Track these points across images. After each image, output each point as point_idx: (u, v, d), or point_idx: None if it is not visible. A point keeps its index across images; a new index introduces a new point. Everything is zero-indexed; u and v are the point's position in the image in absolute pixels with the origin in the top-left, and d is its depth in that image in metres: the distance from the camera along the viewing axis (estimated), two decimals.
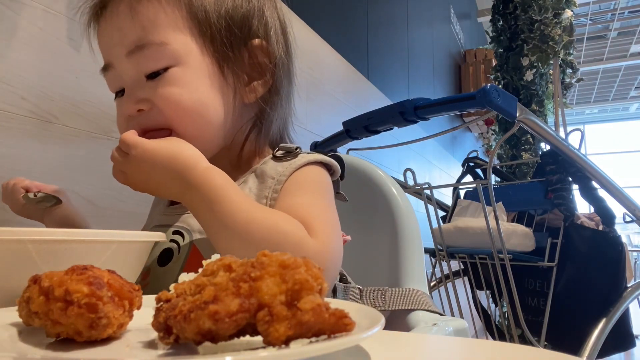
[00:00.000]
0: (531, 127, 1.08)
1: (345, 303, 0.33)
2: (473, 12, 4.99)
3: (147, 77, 0.55)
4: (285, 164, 0.57)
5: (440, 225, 1.44)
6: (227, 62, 0.57)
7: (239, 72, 0.58)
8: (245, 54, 0.58)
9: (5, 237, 0.35)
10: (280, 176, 0.55)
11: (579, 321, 1.30)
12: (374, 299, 0.63)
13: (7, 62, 0.73)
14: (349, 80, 1.93)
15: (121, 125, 0.59)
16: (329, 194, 0.57)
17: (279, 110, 0.62)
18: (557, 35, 2.48)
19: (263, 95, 0.60)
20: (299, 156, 0.57)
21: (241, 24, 0.58)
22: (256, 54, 0.59)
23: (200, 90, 0.56)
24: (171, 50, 0.54)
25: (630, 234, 6.20)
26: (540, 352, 0.34)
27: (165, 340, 0.26)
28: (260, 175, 0.57)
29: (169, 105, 0.55)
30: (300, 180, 0.56)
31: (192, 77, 0.55)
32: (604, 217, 1.38)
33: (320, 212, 0.52)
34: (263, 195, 0.55)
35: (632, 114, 9.07)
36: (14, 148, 0.73)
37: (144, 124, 0.56)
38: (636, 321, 1.51)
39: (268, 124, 0.62)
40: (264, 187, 0.56)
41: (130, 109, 0.56)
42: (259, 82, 0.60)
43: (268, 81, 0.60)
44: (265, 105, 0.60)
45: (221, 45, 0.57)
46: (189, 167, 0.49)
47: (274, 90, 0.61)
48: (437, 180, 3.17)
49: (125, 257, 0.42)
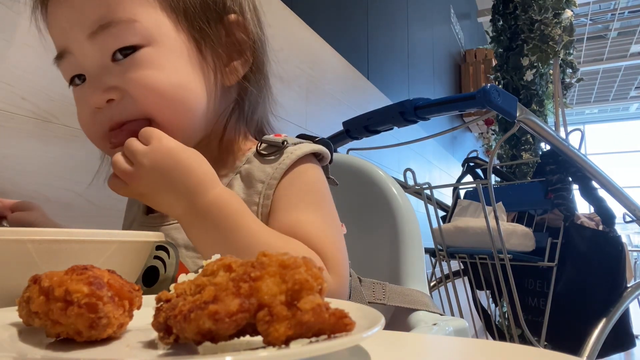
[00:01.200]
0: (531, 127, 1.08)
1: (345, 303, 0.33)
2: (473, 12, 4.99)
3: (114, 61, 0.48)
4: (274, 164, 0.52)
5: (440, 225, 1.44)
6: (205, 38, 0.51)
7: (217, 50, 0.52)
8: (222, 31, 0.53)
9: (5, 237, 0.35)
10: (270, 179, 0.51)
11: (579, 321, 1.30)
12: (374, 291, 0.61)
13: (7, 62, 0.73)
14: (349, 80, 1.93)
15: (85, 119, 0.51)
16: (327, 198, 0.54)
17: (262, 91, 0.57)
18: (557, 35, 2.48)
19: (245, 75, 0.55)
20: (285, 152, 0.52)
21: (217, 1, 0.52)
22: (233, 31, 0.53)
23: (179, 72, 0.49)
24: (141, 27, 0.47)
25: (630, 234, 6.20)
26: (540, 352, 0.34)
27: (165, 340, 0.26)
28: (246, 178, 0.53)
29: (144, 91, 0.48)
30: (297, 186, 0.52)
31: (168, 57, 0.49)
32: (604, 217, 1.38)
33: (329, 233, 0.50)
34: (253, 201, 0.51)
35: (632, 114, 9.07)
36: (14, 148, 0.73)
37: (115, 116, 0.49)
38: (636, 321, 1.51)
39: (251, 108, 0.57)
40: (253, 192, 0.52)
41: (98, 99, 0.48)
42: (238, 61, 0.54)
43: (248, 59, 0.54)
44: (248, 85, 0.55)
45: (197, 20, 0.51)
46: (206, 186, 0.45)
47: (256, 69, 0.56)
48: (437, 180, 3.17)
49: (125, 257, 0.42)
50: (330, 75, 1.75)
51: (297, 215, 0.50)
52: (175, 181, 0.45)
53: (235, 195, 0.47)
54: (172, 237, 0.53)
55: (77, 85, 0.52)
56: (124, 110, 0.49)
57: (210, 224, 0.45)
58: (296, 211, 0.50)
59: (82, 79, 0.51)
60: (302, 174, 0.53)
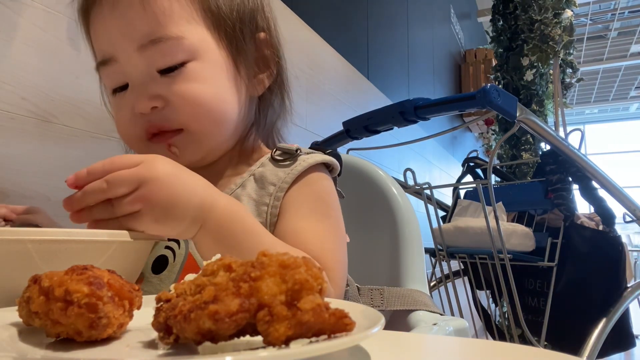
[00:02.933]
0: (531, 127, 1.08)
1: (345, 303, 0.33)
2: (473, 12, 4.99)
3: (161, 73, 0.52)
4: (286, 169, 0.54)
5: (440, 225, 1.44)
6: (240, 54, 0.56)
7: (249, 64, 0.57)
8: (252, 46, 0.58)
9: (5, 237, 0.35)
10: (281, 183, 0.53)
11: (579, 321, 1.30)
12: (371, 298, 0.63)
13: (7, 62, 0.73)
14: (349, 80, 1.93)
15: (125, 124, 0.54)
16: (335, 208, 0.56)
17: (284, 103, 0.62)
18: (557, 35, 2.48)
19: (269, 86, 0.60)
20: (299, 159, 0.55)
21: (249, 17, 0.57)
22: (261, 47, 0.59)
23: (219, 85, 0.53)
24: (188, 44, 0.51)
25: (630, 234, 6.19)
26: (540, 352, 0.34)
27: (165, 340, 0.26)
28: (259, 180, 0.55)
29: (188, 102, 0.51)
30: (306, 193, 0.54)
31: (210, 71, 0.53)
32: (604, 217, 1.38)
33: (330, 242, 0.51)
34: (264, 202, 0.53)
35: (632, 114, 9.07)
36: (14, 148, 0.73)
37: (155, 123, 0.52)
38: (636, 321, 1.51)
39: (270, 118, 0.61)
40: (264, 193, 0.54)
41: (143, 106, 0.51)
42: (264, 74, 0.59)
43: (273, 73, 0.60)
44: (272, 97, 0.60)
45: (234, 39, 0.55)
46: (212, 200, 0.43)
47: (280, 82, 0.61)
48: (437, 180, 3.16)
49: (125, 257, 0.42)
50: (330, 75, 1.75)
51: (302, 223, 0.51)
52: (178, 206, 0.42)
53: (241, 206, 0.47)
54: None
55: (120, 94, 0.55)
56: (163, 118, 0.52)
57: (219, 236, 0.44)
58: (302, 219, 0.52)
59: (122, 89, 0.54)
60: (313, 181, 0.55)
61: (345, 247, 0.54)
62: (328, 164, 0.58)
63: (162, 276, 0.52)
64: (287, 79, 0.63)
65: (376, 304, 0.62)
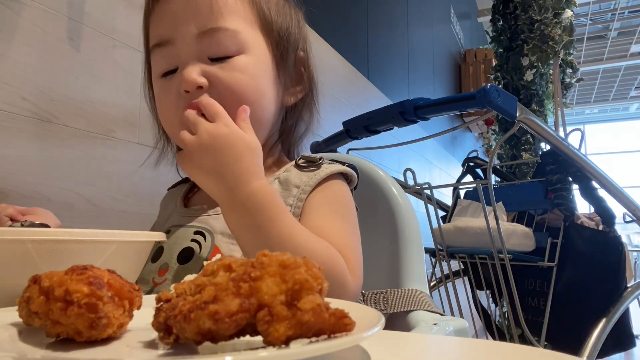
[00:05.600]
0: (531, 127, 1.08)
1: (345, 303, 0.33)
2: (473, 12, 4.99)
3: (212, 60, 0.56)
4: (310, 174, 0.59)
5: (440, 225, 1.44)
6: (282, 62, 0.61)
7: (287, 74, 0.63)
8: (293, 60, 0.63)
9: (5, 237, 0.35)
10: (305, 186, 0.57)
11: (579, 321, 1.30)
12: (376, 302, 0.64)
13: (7, 62, 0.73)
14: (349, 80, 1.93)
15: (168, 107, 0.58)
16: (353, 215, 0.60)
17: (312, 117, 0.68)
18: (557, 35, 2.48)
19: (302, 99, 0.66)
20: (322, 167, 0.60)
21: (295, 36, 0.63)
22: (299, 64, 0.65)
23: (262, 80, 0.58)
24: (242, 38, 0.57)
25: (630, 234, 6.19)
26: (540, 352, 0.34)
27: (165, 340, 0.26)
28: (284, 182, 0.59)
29: (231, 90, 0.56)
30: (328, 196, 0.58)
31: (257, 68, 0.58)
32: (604, 217, 1.38)
33: (353, 242, 0.55)
34: (287, 202, 0.57)
35: (632, 114, 9.07)
36: (14, 148, 0.73)
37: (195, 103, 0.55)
38: (636, 321, 1.51)
39: (298, 131, 0.67)
40: (288, 194, 0.57)
41: (191, 81, 0.54)
42: (298, 87, 0.65)
43: (305, 88, 0.66)
44: (302, 112, 0.66)
45: (280, 47, 0.61)
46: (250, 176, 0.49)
47: (311, 99, 0.67)
48: (437, 180, 3.17)
49: (125, 257, 0.42)
50: (330, 75, 1.75)
51: (323, 222, 0.55)
52: (223, 164, 0.49)
53: (275, 191, 0.52)
54: (210, 224, 0.58)
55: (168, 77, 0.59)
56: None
57: (248, 213, 0.49)
58: (323, 217, 0.56)
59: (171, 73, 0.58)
60: (333, 187, 0.59)
61: (360, 245, 0.58)
62: (347, 175, 0.62)
63: (187, 266, 0.55)
64: (318, 100, 0.69)
65: (380, 308, 0.64)
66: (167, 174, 0.74)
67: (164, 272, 0.56)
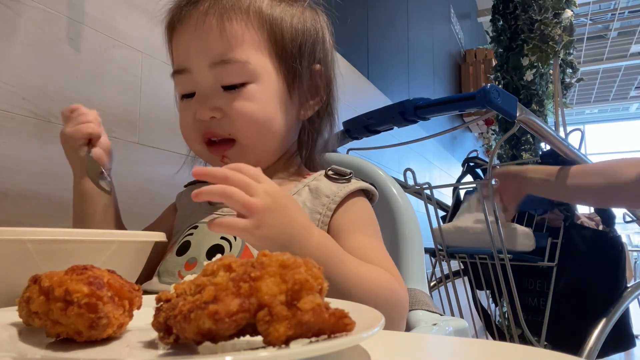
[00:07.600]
0: (531, 127, 1.08)
1: (345, 303, 0.33)
2: (473, 12, 4.99)
3: (224, 88, 0.60)
4: (340, 185, 0.61)
5: (440, 225, 1.44)
6: (294, 83, 0.63)
7: (301, 91, 0.64)
8: (307, 76, 0.65)
9: (5, 237, 0.35)
10: (335, 196, 0.60)
11: (579, 321, 1.30)
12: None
13: (7, 62, 0.73)
14: (349, 80, 1.93)
15: (187, 126, 0.63)
16: (379, 230, 0.63)
17: (333, 127, 0.69)
18: (557, 35, 2.48)
19: (318, 111, 0.67)
20: (352, 180, 0.62)
21: (310, 50, 0.64)
22: (315, 77, 0.66)
23: (271, 106, 0.61)
24: (252, 68, 0.59)
25: (630, 234, 6.20)
26: (540, 352, 0.34)
27: (165, 340, 0.26)
28: (314, 191, 0.61)
29: (242, 118, 0.59)
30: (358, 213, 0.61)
31: (266, 94, 0.61)
32: (604, 217, 1.38)
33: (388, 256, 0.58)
34: (317, 210, 0.59)
35: (632, 114, 9.07)
36: (14, 148, 0.73)
37: (211, 130, 0.61)
38: (636, 321, 1.51)
39: (319, 143, 0.68)
40: (318, 203, 0.60)
41: (205, 114, 0.60)
42: (314, 100, 0.66)
43: (322, 99, 0.67)
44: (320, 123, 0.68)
45: (292, 69, 0.63)
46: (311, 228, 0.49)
47: (330, 110, 0.68)
48: (437, 180, 3.16)
49: (125, 257, 0.42)
50: None
51: (362, 240, 0.58)
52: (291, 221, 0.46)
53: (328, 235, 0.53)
54: None
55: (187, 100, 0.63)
56: (219, 127, 0.61)
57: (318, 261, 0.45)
58: (361, 236, 0.58)
59: (190, 96, 0.63)
60: (362, 204, 0.62)
61: None
62: (369, 192, 0.65)
63: None
64: (337, 110, 0.70)
65: None
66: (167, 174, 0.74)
67: (192, 267, 0.57)
